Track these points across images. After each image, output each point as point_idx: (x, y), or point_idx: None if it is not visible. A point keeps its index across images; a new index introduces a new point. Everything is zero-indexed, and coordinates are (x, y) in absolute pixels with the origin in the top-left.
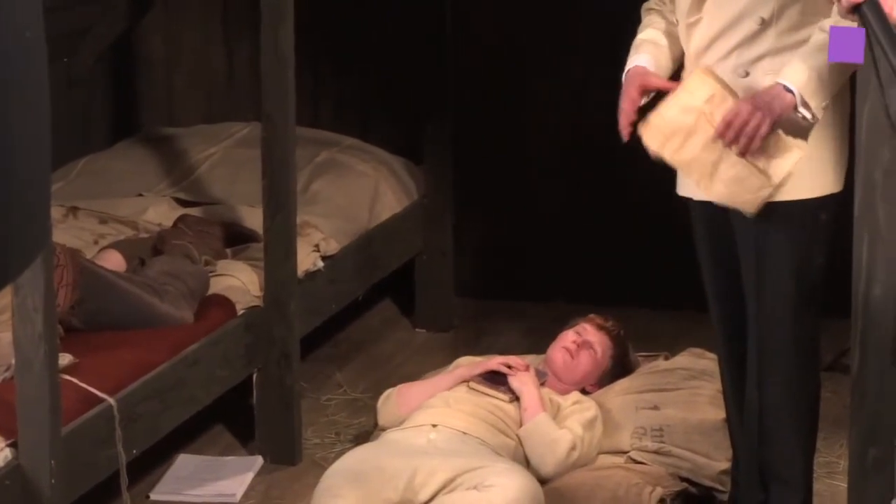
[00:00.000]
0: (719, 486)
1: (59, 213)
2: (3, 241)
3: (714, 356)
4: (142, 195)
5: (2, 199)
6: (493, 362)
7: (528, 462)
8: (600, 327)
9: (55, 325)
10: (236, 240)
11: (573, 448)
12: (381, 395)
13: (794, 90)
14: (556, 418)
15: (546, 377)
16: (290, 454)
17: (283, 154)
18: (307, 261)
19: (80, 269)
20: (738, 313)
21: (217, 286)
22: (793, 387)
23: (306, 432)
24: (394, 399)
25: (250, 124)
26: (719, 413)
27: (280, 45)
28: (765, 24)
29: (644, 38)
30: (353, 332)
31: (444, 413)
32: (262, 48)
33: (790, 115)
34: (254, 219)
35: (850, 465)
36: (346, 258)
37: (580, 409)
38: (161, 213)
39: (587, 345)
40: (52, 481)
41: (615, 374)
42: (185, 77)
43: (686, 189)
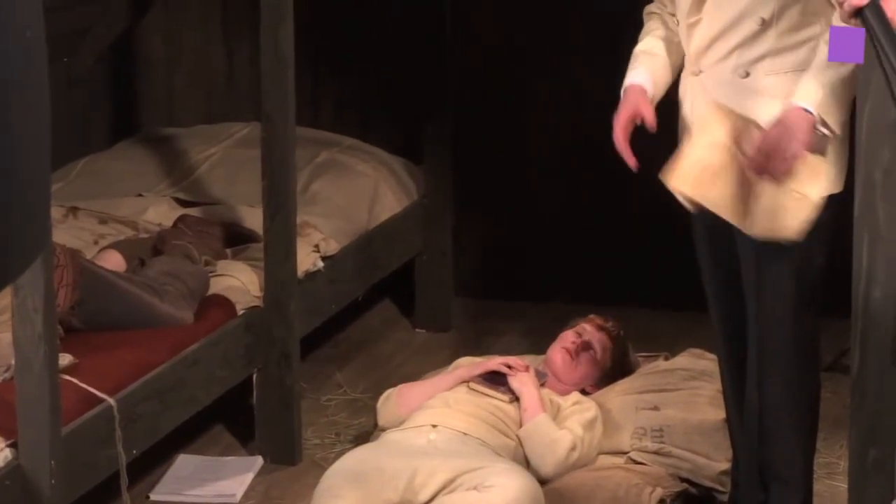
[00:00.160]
0: (719, 487)
1: (59, 213)
2: (3, 241)
3: (714, 357)
4: (142, 195)
5: (2, 200)
6: (492, 363)
7: (527, 462)
8: (600, 328)
9: (55, 325)
10: (236, 240)
11: (573, 448)
12: (381, 395)
13: (811, 110)
14: (556, 419)
15: (546, 378)
16: (290, 454)
17: (283, 154)
18: (307, 261)
19: (80, 269)
20: (738, 313)
21: (217, 286)
22: (793, 387)
23: (306, 432)
24: (394, 399)
25: (250, 124)
26: (719, 413)
27: (280, 46)
28: (765, 25)
29: (643, 50)
30: (353, 333)
31: (444, 413)
32: (262, 48)
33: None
34: (254, 219)
35: (850, 465)
36: (345, 258)
37: (580, 410)
38: (161, 213)
39: (587, 345)
40: (52, 481)
41: (615, 374)
42: (185, 77)
43: None
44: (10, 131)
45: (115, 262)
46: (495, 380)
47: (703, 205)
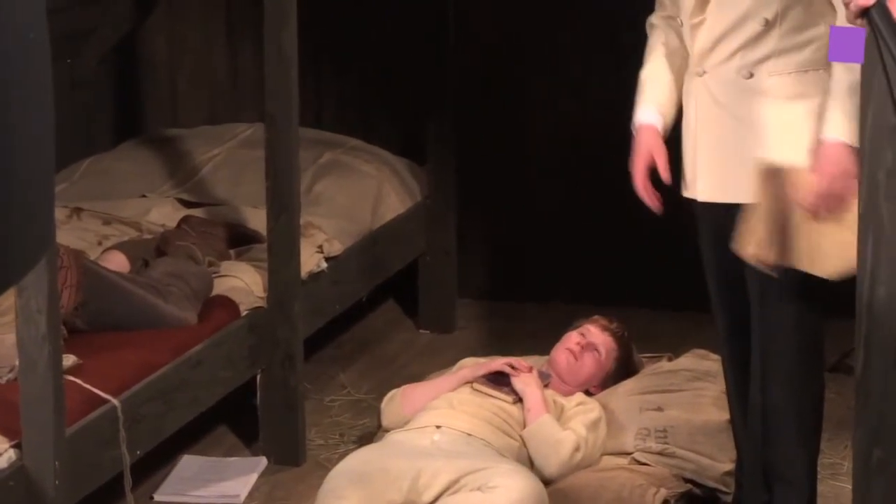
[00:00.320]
0: (723, 488)
1: (62, 214)
2: (6, 242)
3: (717, 357)
4: (145, 196)
5: (5, 201)
6: (496, 363)
7: (531, 463)
8: (604, 329)
9: (59, 326)
10: (240, 241)
11: (577, 449)
12: (385, 396)
13: (847, 142)
14: (560, 419)
15: (550, 378)
16: (293, 455)
17: (287, 155)
18: (311, 262)
19: (83, 270)
20: (743, 315)
21: (220, 287)
22: (797, 388)
23: (310, 433)
24: (398, 400)
25: (254, 125)
26: (723, 414)
27: (283, 47)
28: (769, 25)
29: (648, 76)
30: (357, 333)
31: (447, 414)
32: (266, 49)
33: None
34: (257, 220)
35: (854, 466)
36: (349, 259)
37: (584, 411)
38: (165, 214)
39: (591, 346)
40: (56, 482)
41: (619, 375)
42: (189, 78)
43: (689, 190)
44: (14, 132)
45: (118, 262)
46: (499, 380)
47: (785, 265)
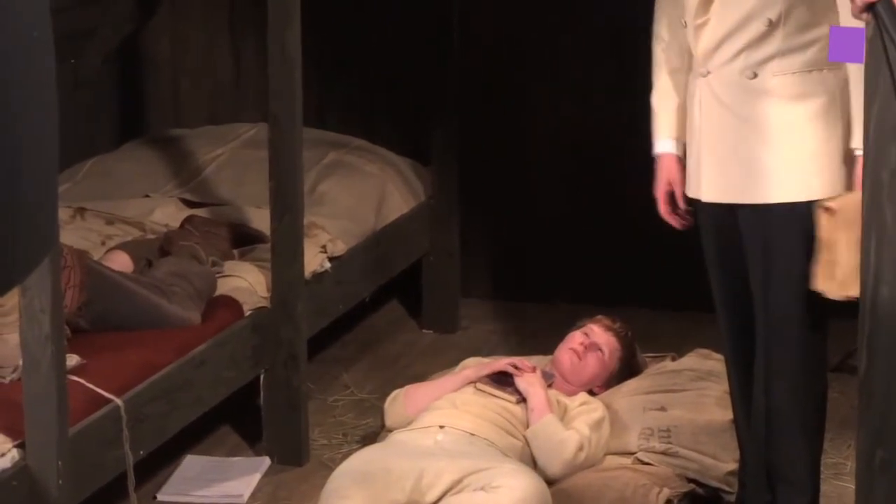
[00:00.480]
0: (726, 487)
1: (66, 214)
2: (10, 242)
3: (721, 357)
4: (149, 196)
5: (9, 200)
6: (499, 363)
7: (535, 463)
8: (608, 328)
9: (62, 326)
10: (243, 241)
11: (580, 449)
12: (389, 396)
13: None
14: (564, 419)
15: (553, 378)
16: (297, 455)
17: (291, 155)
18: (314, 262)
19: (87, 270)
20: (746, 315)
21: (224, 287)
22: (800, 389)
23: (313, 433)
24: (401, 400)
25: (257, 125)
26: (726, 414)
27: (287, 47)
28: (772, 26)
29: (661, 104)
30: (360, 333)
31: (451, 414)
32: (270, 49)
33: None
34: (261, 220)
35: (857, 466)
36: (353, 259)
37: (587, 410)
38: (168, 214)
39: (594, 346)
40: (60, 482)
41: (622, 375)
42: (192, 78)
43: (693, 190)
44: (18, 132)
45: (122, 262)
46: (502, 380)
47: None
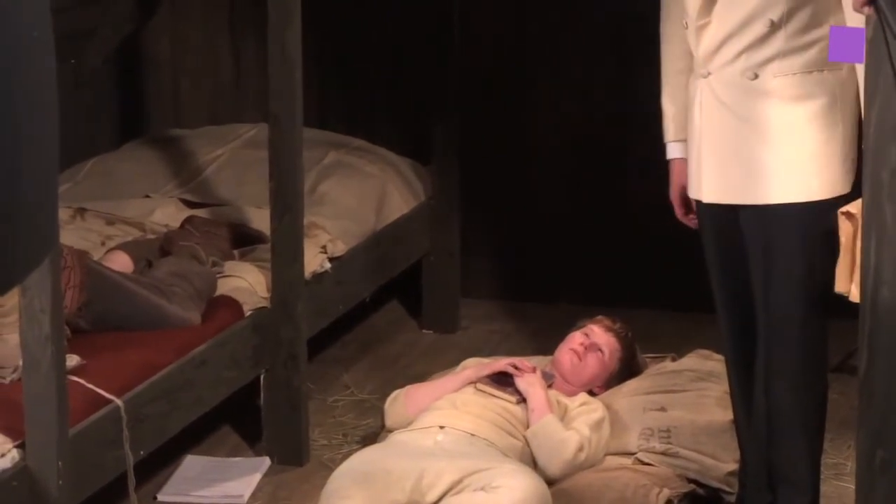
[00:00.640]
0: (727, 488)
1: (66, 214)
2: (10, 242)
3: (721, 357)
4: (149, 196)
5: (10, 201)
6: (500, 364)
7: (535, 463)
8: (608, 329)
9: (62, 326)
10: (243, 241)
11: (580, 449)
12: (389, 396)
13: None
14: (564, 420)
15: (553, 379)
16: (297, 455)
17: (291, 155)
18: (314, 262)
19: (87, 270)
20: (746, 315)
21: (224, 287)
22: (800, 389)
23: (313, 433)
24: (401, 400)
25: (257, 125)
26: (727, 414)
27: (287, 47)
28: (774, 27)
29: (671, 108)
30: (361, 334)
31: (451, 415)
32: (270, 49)
33: None
34: (261, 220)
35: (857, 466)
36: (353, 259)
37: (587, 411)
38: (168, 214)
39: (595, 347)
40: (60, 482)
41: (623, 375)
42: (192, 78)
43: (694, 190)
44: (18, 132)
45: (122, 263)
46: (502, 381)
47: None
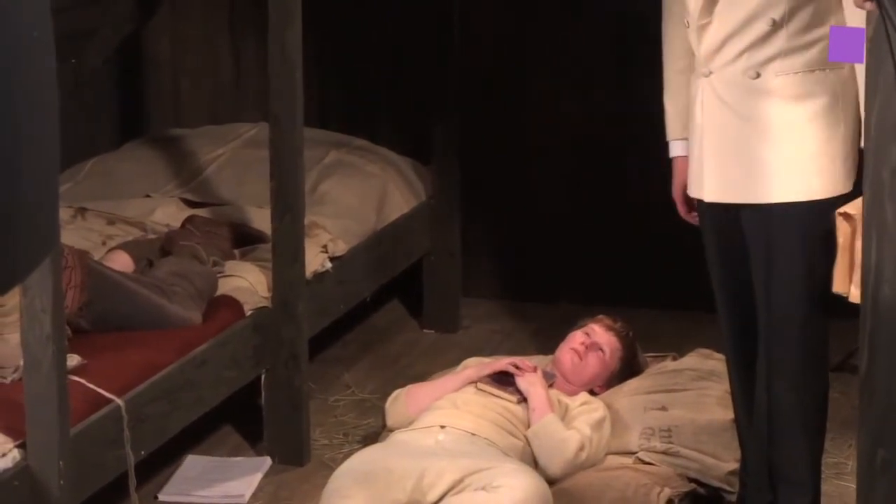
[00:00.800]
0: (727, 487)
1: (67, 214)
2: (11, 241)
3: (722, 357)
4: (150, 196)
5: (10, 200)
6: (501, 363)
7: (536, 463)
8: (609, 328)
9: (63, 326)
10: (244, 241)
11: (581, 449)
12: (390, 395)
13: None
14: (565, 419)
15: (554, 378)
16: (298, 455)
17: (292, 155)
18: (315, 261)
19: (88, 270)
20: (747, 315)
21: (225, 287)
22: (801, 389)
23: (314, 433)
24: (402, 400)
25: (258, 125)
26: (727, 414)
27: (287, 47)
28: (776, 26)
29: (673, 107)
30: (362, 333)
31: (452, 414)
32: (270, 49)
33: None
34: (262, 220)
35: (858, 465)
36: (354, 259)
37: (588, 410)
38: (169, 213)
39: (595, 346)
40: (61, 482)
41: (623, 375)
42: (192, 78)
43: (696, 190)
44: (18, 132)
45: (123, 262)
46: (503, 380)
47: None
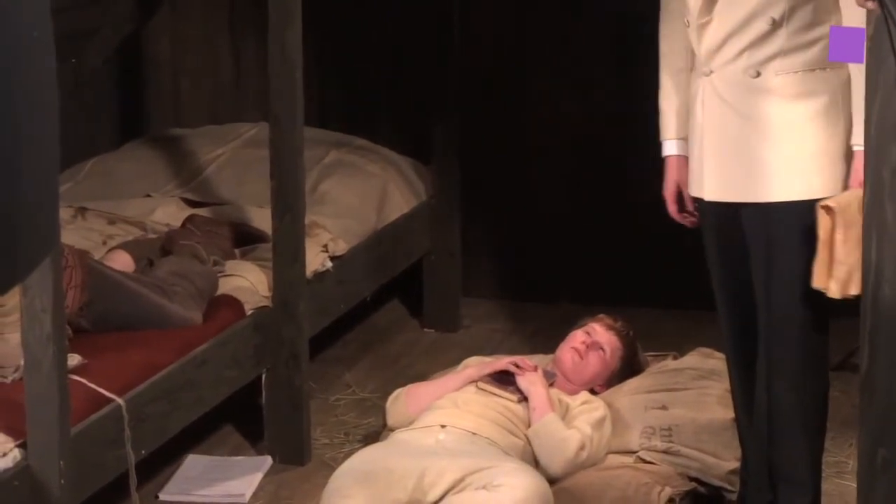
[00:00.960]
0: (728, 486)
1: (67, 214)
2: (11, 241)
3: (722, 356)
4: (150, 196)
5: (10, 200)
6: (501, 362)
7: (536, 462)
8: (609, 327)
9: (64, 325)
10: (245, 240)
11: (582, 448)
12: (390, 395)
13: None
14: (565, 418)
15: (555, 377)
16: (299, 454)
17: (292, 155)
18: (316, 261)
19: (88, 270)
20: (747, 314)
21: (225, 286)
22: (802, 388)
23: (315, 432)
24: (403, 399)
25: (258, 125)
26: (728, 413)
27: (287, 47)
28: (776, 25)
29: (668, 105)
30: (362, 333)
31: (452, 413)
32: (270, 49)
33: None
34: (262, 219)
35: (859, 464)
36: (354, 258)
37: (589, 409)
38: (169, 213)
39: (596, 345)
40: (61, 482)
41: (624, 374)
42: (192, 78)
43: (696, 189)
44: (18, 132)
45: (123, 262)
46: (504, 379)
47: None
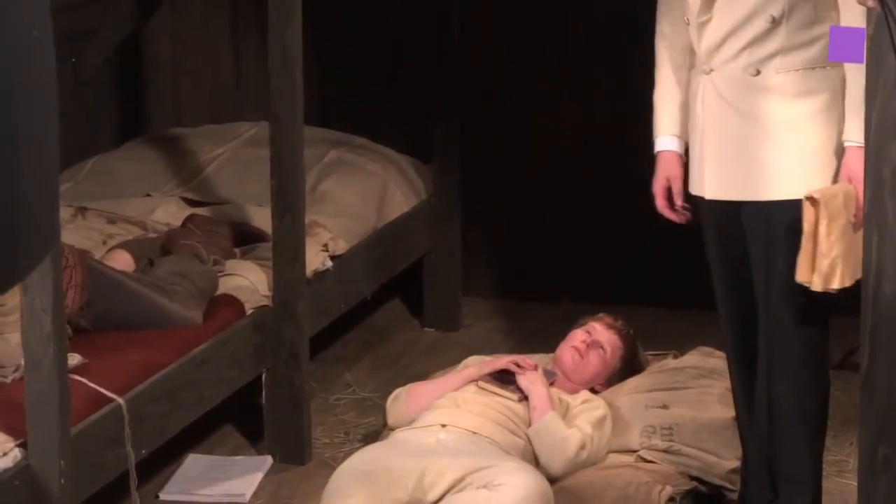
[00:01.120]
0: (729, 485)
1: (67, 213)
2: (11, 241)
3: (723, 355)
4: (150, 195)
5: (10, 200)
6: (501, 362)
7: (537, 461)
8: (610, 326)
9: (64, 325)
10: (245, 240)
11: (582, 447)
12: (390, 394)
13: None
14: (566, 417)
15: (555, 377)
16: (299, 454)
17: (292, 154)
18: (316, 260)
19: (88, 269)
20: (748, 313)
21: (226, 286)
22: (802, 387)
23: (315, 432)
24: (403, 399)
25: (258, 124)
26: (728, 412)
27: (288, 46)
28: (775, 23)
29: (663, 100)
30: (362, 332)
31: (453, 413)
32: (270, 49)
33: None
34: (262, 218)
35: (859, 463)
36: (354, 258)
37: (589, 408)
38: (169, 213)
39: (596, 344)
40: (62, 481)
41: (624, 373)
42: (192, 78)
43: (696, 187)
44: (18, 132)
45: (123, 262)
46: (504, 379)
47: (850, 285)
